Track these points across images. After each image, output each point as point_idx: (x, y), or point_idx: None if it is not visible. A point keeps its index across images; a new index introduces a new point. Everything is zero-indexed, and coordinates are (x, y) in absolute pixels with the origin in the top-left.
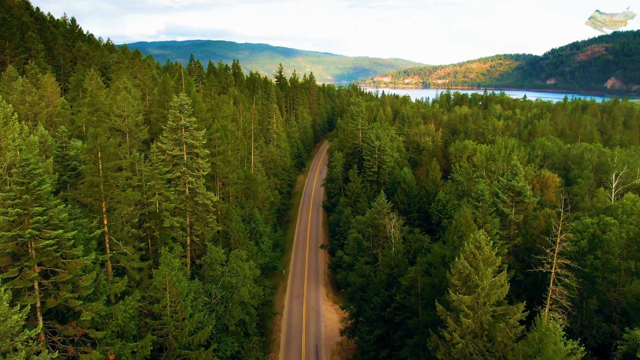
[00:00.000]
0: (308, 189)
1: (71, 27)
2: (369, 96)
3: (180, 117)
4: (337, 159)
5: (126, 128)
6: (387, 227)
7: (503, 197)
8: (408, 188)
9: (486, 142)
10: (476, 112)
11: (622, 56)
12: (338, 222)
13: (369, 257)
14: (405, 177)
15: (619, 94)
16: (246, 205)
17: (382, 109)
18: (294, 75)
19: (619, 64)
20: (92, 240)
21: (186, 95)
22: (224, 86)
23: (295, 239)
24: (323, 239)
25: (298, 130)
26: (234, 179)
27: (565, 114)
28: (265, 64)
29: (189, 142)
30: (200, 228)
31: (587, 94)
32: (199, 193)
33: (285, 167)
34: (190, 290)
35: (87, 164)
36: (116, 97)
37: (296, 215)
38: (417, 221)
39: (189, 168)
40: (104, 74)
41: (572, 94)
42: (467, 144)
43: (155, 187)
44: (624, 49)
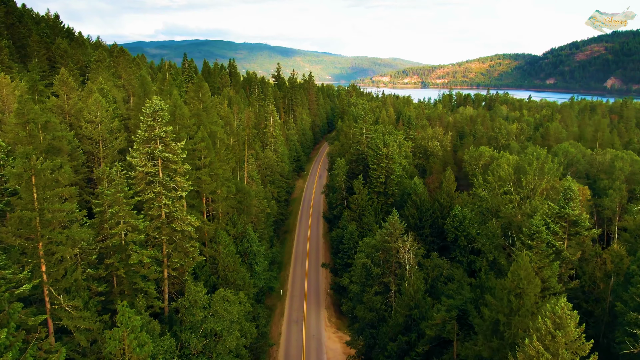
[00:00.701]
0: (307, 195)
1: (54, 23)
2: (369, 96)
3: (154, 126)
4: (339, 167)
5: (98, 136)
6: (401, 251)
7: (554, 227)
8: (420, 201)
9: (499, 147)
10: (482, 114)
11: (621, 56)
12: (341, 238)
13: (380, 287)
14: (417, 188)
15: (619, 93)
16: (238, 221)
17: (385, 111)
18: (292, 75)
19: (619, 63)
20: (13, 303)
21: (161, 99)
22: (218, 86)
23: (293, 252)
24: (324, 254)
25: (297, 132)
26: (223, 194)
27: (573, 115)
28: (263, 63)
29: (164, 156)
30: (179, 259)
31: (587, 94)
32: (176, 218)
33: (283, 173)
34: (158, 353)
35: (18, 193)
36: (88, 100)
37: (295, 225)
38: (429, 238)
39: (165, 188)
40: (84, 73)
41: (572, 93)
42: (484, 151)
43: (119, 214)
44: (624, 49)
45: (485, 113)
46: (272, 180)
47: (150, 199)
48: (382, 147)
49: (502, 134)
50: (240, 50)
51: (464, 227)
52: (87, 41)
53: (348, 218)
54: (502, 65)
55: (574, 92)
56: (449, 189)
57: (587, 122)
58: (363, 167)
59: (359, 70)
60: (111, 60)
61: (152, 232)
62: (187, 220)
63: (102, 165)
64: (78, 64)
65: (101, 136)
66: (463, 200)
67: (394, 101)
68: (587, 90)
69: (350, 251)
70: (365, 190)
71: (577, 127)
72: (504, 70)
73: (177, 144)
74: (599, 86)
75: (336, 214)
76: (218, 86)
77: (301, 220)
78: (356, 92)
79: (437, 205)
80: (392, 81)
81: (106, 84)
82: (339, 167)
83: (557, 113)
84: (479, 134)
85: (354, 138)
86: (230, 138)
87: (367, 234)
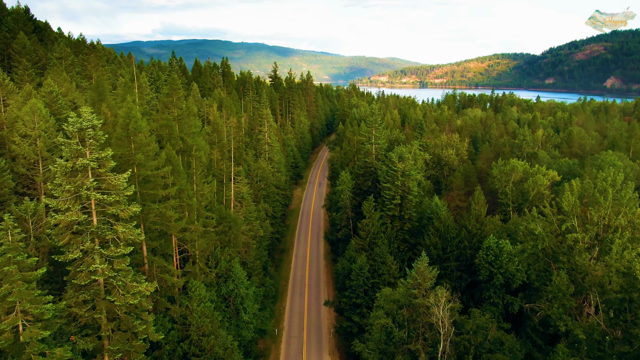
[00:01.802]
0: (306, 206)
1: (24, 16)
2: (370, 97)
3: (83, 152)
4: (344, 181)
5: (32, 155)
6: (433, 309)
7: None
8: (443, 228)
9: (523, 156)
10: (492, 116)
11: (621, 55)
12: (349, 273)
13: (404, 355)
14: (439, 212)
15: (619, 93)
16: (222, 257)
17: (389, 113)
18: (289, 75)
19: (618, 63)
20: None
21: (92, 112)
22: (209, 87)
23: (291, 279)
24: (326, 285)
25: (294, 136)
26: (198, 230)
27: (592, 118)
28: (261, 63)
29: (97, 196)
30: (122, 345)
31: (587, 94)
32: (116, 287)
33: (279, 185)
34: None
35: None
36: (23, 107)
37: (292, 243)
38: (456, 272)
39: (101, 241)
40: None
41: (572, 93)
42: (516, 165)
43: (11, 297)
44: (623, 48)
45: (495, 115)
46: (266, 194)
47: (78, 260)
48: (397, 162)
49: (528, 141)
50: (238, 50)
51: (500, 263)
52: (65, 38)
53: (357, 248)
54: (500, 65)
55: (573, 91)
56: (479, 213)
57: (609, 126)
58: (372, 182)
59: (356, 70)
60: (81, 57)
61: (81, 309)
62: (134, 289)
63: (26, 200)
64: (40, 61)
65: (38, 154)
66: (495, 227)
67: (396, 102)
68: (587, 90)
69: (359, 289)
70: (377, 215)
71: (596, 132)
72: (502, 70)
73: (119, 177)
74: (598, 86)
75: (341, 237)
76: (209, 87)
77: (299, 237)
78: (356, 92)
79: (464, 233)
80: (390, 81)
81: (63, 85)
82: (343, 181)
83: (574, 116)
84: (495, 140)
85: (359, 146)
86: (214, 151)
87: (379, 268)
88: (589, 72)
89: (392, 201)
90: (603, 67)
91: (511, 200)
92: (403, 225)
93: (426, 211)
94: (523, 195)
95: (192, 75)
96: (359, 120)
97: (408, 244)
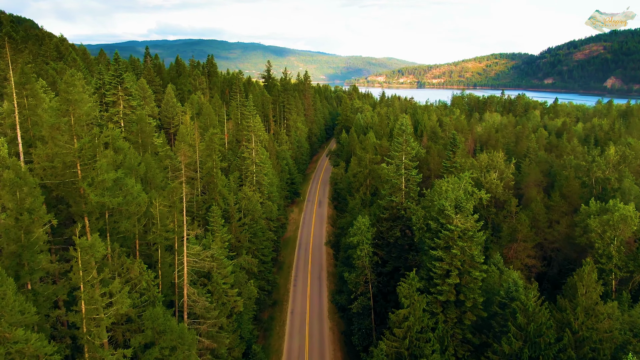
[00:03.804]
0: (304, 234)
1: None
2: (371, 99)
3: None
4: (360, 230)
5: None
6: None
7: None
8: (534, 328)
9: (592, 183)
10: (513, 121)
11: (621, 55)
12: None
13: None
14: (525, 301)
15: (620, 93)
16: None
17: (401, 119)
18: (284, 75)
19: (618, 63)
20: None
21: None
22: (190, 90)
23: (284, 353)
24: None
25: (290, 147)
26: None
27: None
28: (257, 63)
29: None
30: None
31: (587, 94)
32: None
33: (270, 215)
34: None
35: None
36: None
37: (287, 291)
38: None
39: None
40: None
41: (572, 93)
42: (628, 214)
43: None
44: (623, 48)
45: (525, 122)
46: (251, 238)
47: None
48: (452, 215)
49: (599, 163)
50: (234, 49)
51: None
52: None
53: (389, 353)
54: (499, 65)
55: (573, 92)
56: (589, 299)
57: None
58: (401, 230)
59: (353, 70)
60: None
61: None
62: None
63: None
64: None
65: None
66: (614, 322)
67: (403, 105)
68: (587, 90)
69: None
70: (422, 303)
71: None
72: (500, 70)
73: None
74: (598, 86)
75: (357, 310)
76: (189, 89)
77: (296, 281)
78: (357, 93)
79: (567, 337)
80: (387, 81)
81: None
82: (359, 230)
83: (622, 119)
84: (536, 157)
85: (373, 167)
86: (157, 201)
87: None
88: (588, 72)
89: (446, 279)
90: (603, 67)
91: (617, 266)
92: (462, 315)
93: (494, 289)
94: (636, 259)
95: (168, 75)
96: (364, 128)
97: (470, 347)
